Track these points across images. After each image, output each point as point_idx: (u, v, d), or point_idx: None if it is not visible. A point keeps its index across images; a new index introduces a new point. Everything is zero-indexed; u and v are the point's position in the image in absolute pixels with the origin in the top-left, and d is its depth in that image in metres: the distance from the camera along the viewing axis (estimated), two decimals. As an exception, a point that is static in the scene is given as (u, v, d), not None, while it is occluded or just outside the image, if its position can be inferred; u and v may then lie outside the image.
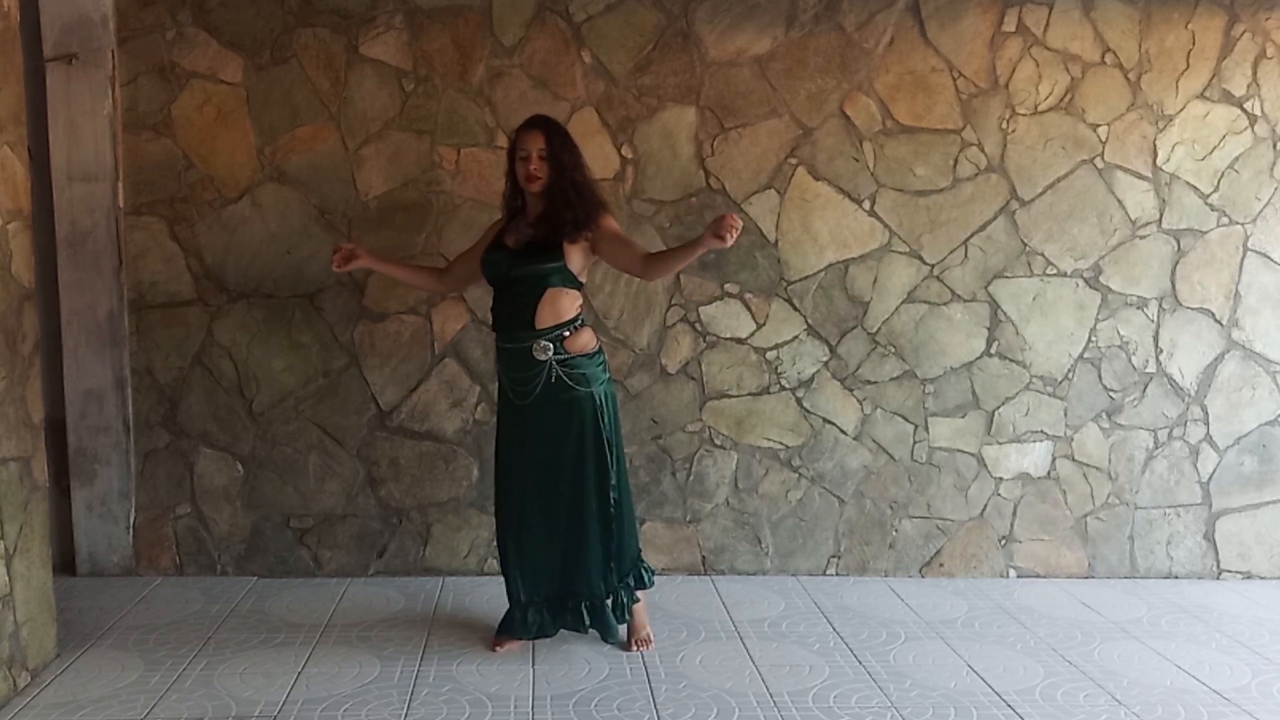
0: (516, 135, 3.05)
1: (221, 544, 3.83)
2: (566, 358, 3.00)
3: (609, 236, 3.02)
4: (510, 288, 3.03)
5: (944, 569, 4.00)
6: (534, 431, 3.06)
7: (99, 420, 3.72)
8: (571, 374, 3.01)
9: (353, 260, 3.12)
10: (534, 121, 3.06)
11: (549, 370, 2.99)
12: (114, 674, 2.99)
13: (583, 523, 3.09)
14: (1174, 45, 3.83)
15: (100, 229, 3.64)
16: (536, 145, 2.98)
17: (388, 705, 2.81)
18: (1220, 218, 3.92)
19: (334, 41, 3.65)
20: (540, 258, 2.98)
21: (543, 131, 3.00)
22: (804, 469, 3.92)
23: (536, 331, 2.99)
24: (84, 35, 3.56)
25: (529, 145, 2.99)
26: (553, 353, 2.98)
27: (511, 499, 3.15)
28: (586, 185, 3.05)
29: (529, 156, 2.98)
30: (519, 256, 3.01)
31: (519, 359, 3.03)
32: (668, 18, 3.70)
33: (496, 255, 3.06)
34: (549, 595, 3.18)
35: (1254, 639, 3.44)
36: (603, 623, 3.18)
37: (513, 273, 3.01)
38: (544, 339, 2.98)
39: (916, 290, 3.88)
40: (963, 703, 2.90)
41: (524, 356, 3.01)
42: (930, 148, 3.81)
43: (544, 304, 2.98)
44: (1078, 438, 3.97)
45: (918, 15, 3.76)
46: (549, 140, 2.99)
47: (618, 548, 3.13)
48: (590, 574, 3.13)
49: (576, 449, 3.05)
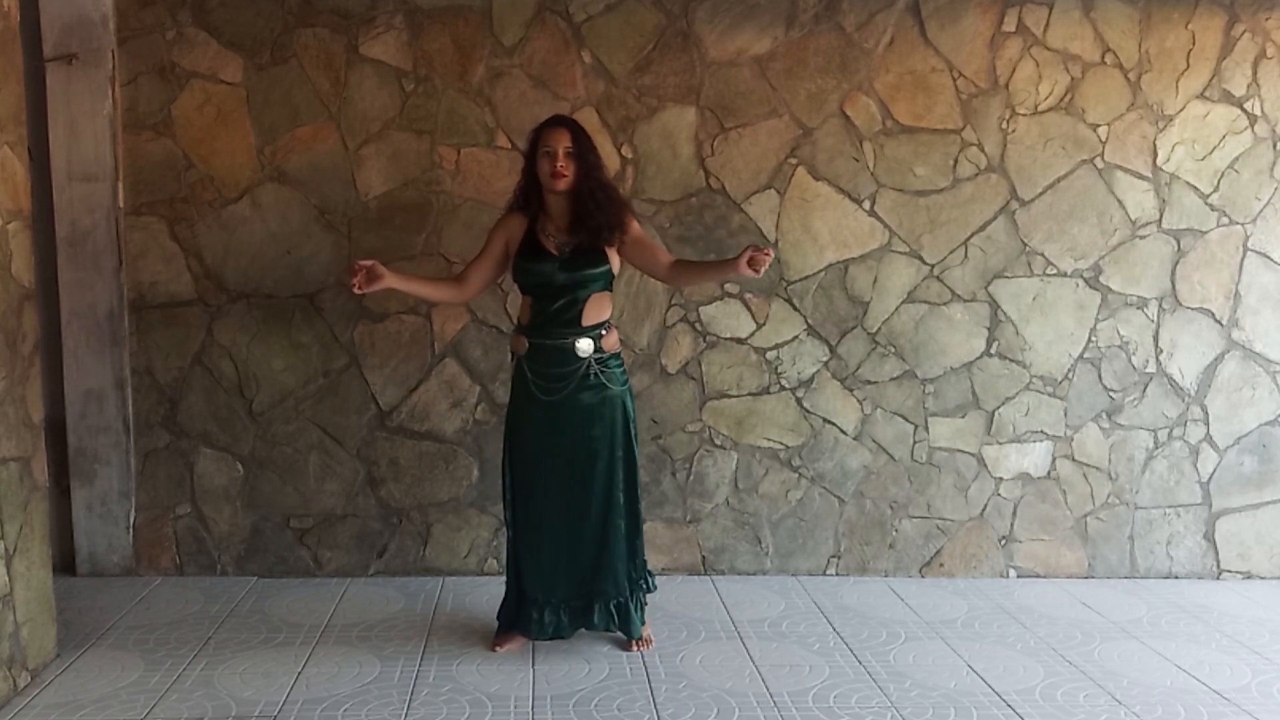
0: (539, 132, 3.01)
1: (221, 544, 3.83)
2: (603, 356, 3.04)
3: (634, 240, 3.08)
4: (556, 294, 3.02)
5: (944, 569, 4.00)
6: (565, 427, 3.05)
7: (99, 420, 3.72)
8: (606, 372, 3.04)
9: (375, 281, 2.94)
10: (558, 119, 3.05)
11: (587, 367, 3.01)
12: (114, 674, 2.99)
13: (611, 521, 3.10)
14: (1174, 45, 3.83)
15: (100, 229, 3.64)
16: (562, 143, 2.95)
17: (388, 705, 2.81)
18: (1220, 218, 3.92)
19: (334, 41, 3.65)
20: (589, 264, 3.00)
21: (568, 129, 2.99)
22: (804, 469, 3.92)
23: (581, 329, 3.02)
24: (84, 35, 3.56)
25: (554, 142, 2.95)
26: (593, 350, 3.01)
27: (532, 497, 3.12)
28: (611, 187, 3.06)
29: (555, 154, 2.95)
30: (568, 265, 3.00)
31: (557, 355, 3.02)
32: (668, 18, 3.70)
33: (542, 264, 3.01)
34: (567, 596, 3.15)
35: (1254, 639, 3.44)
36: (629, 622, 3.16)
37: (562, 281, 3.00)
38: (584, 336, 3.02)
39: (916, 290, 3.88)
40: (963, 703, 2.90)
41: (564, 353, 3.01)
42: (930, 148, 3.81)
43: (589, 306, 3.03)
44: (1078, 438, 3.97)
45: (918, 15, 3.76)
46: (575, 139, 2.97)
47: (639, 546, 3.18)
48: (617, 573, 3.12)
49: (609, 446, 3.07)
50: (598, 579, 3.13)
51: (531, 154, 3.03)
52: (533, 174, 3.04)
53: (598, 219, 2.98)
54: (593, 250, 3.00)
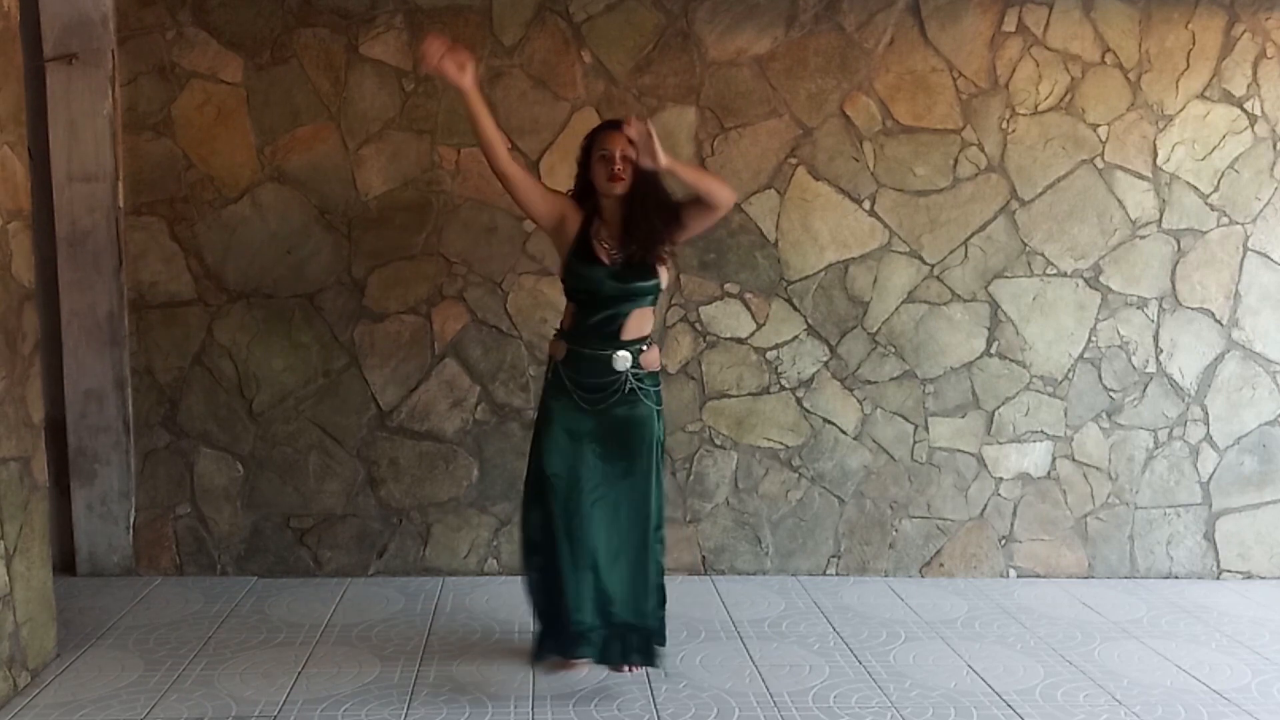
0: (596, 135, 2.91)
1: (221, 544, 3.83)
2: (641, 372, 2.92)
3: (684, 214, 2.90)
4: (603, 303, 2.91)
5: (944, 569, 4.00)
6: (607, 439, 2.92)
7: (99, 420, 3.72)
8: (643, 388, 2.92)
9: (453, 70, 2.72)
10: (615, 123, 2.91)
11: (625, 381, 2.90)
12: (114, 674, 2.99)
13: (646, 543, 2.92)
14: (1174, 45, 3.83)
15: (100, 229, 3.64)
16: (620, 145, 2.82)
17: (388, 705, 2.81)
18: (1220, 218, 3.92)
19: (334, 41, 3.65)
20: (640, 276, 2.87)
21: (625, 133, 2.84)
22: (804, 469, 3.92)
23: (621, 342, 2.89)
24: (84, 35, 3.56)
25: (611, 145, 2.84)
26: (631, 364, 2.89)
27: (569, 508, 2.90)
28: (667, 194, 2.90)
29: (612, 156, 2.83)
30: (619, 277, 2.87)
31: (597, 367, 2.90)
32: (668, 18, 3.70)
33: (594, 270, 2.88)
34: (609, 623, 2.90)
35: (1254, 639, 3.44)
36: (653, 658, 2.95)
37: (610, 291, 2.89)
38: (624, 350, 2.89)
39: (916, 290, 3.88)
40: (963, 703, 2.90)
41: (604, 365, 2.89)
42: (930, 148, 3.81)
43: (633, 319, 2.91)
44: (1078, 438, 3.97)
45: (918, 15, 3.76)
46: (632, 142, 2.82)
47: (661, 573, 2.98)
48: (648, 601, 2.92)
49: (646, 465, 2.92)
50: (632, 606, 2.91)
51: (586, 158, 2.92)
52: (586, 180, 2.93)
53: (650, 229, 2.86)
54: (644, 263, 2.88)
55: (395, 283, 3.73)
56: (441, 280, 3.75)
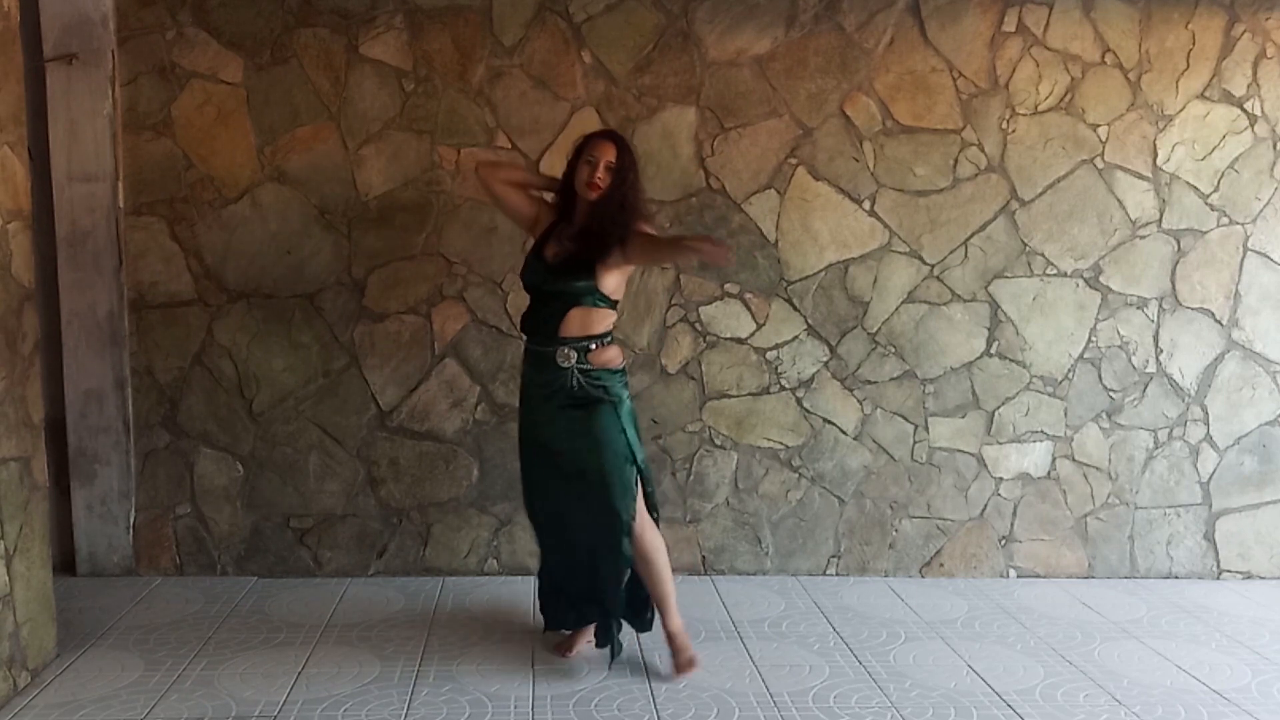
0: (586, 141, 2.97)
1: (221, 544, 3.83)
2: (589, 369, 2.95)
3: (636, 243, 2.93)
4: (543, 298, 3.01)
5: (944, 569, 4.00)
6: (558, 435, 3.01)
7: (99, 420, 3.72)
8: (593, 384, 2.95)
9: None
10: (609, 134, 3.02)
11: (571, 377, 2.95)
12: (114, 674, 2.99)
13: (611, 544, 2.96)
14: (1174, 45, 3.83)
15: (100, 229, 3.64)
16: (607, 155, 2.91)
17: (388, 705, 2.81)
18: (1220, 218, 3.92)
19: (334, 41, 3.65)
20: (573, 277, 2.92)
21: (615, 145, 2.94)
22: (804, 469, 3.92)
23: (561, 339, 2.94)
24: (84, 35, 3.56)
25: (599, 154, 2.91)
26: (575, 361, 2.93)
27: (533, 497, 3.17)
28: (636, 212, 2.95)
29: (596, 164, 2.90)
30: (554, 272, 2.95)
31: (544, 361, 2.99)
32: (668, 18, 3.70)
33: (536, 264, 3.01)
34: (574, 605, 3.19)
35: (1254, 639, 3.44)
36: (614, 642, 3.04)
37: (546, 287, 2.98)
38: (567, 347, 2.94)
39: (916, 290, 3.88)
40: (963, 703, 2.90)
41: (549, 361, 2.97)
42: (930, 148, 3.81)
43: (570, 318, 2.94)
44: (1078, 438, 3.97)
45: (918, 15, 3.76)
46: (620, 155, 2.92)
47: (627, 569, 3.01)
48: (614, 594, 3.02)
49: (598, 463, 2.93)
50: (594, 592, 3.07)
51: (574, 159, 2.98)
52: (569, 180, 2.99)
53: (600, 234, 2.91)
54: (582, 264, 2.92)
55: (395, 283, 3.73)
56: (441, 280, 3.75)
